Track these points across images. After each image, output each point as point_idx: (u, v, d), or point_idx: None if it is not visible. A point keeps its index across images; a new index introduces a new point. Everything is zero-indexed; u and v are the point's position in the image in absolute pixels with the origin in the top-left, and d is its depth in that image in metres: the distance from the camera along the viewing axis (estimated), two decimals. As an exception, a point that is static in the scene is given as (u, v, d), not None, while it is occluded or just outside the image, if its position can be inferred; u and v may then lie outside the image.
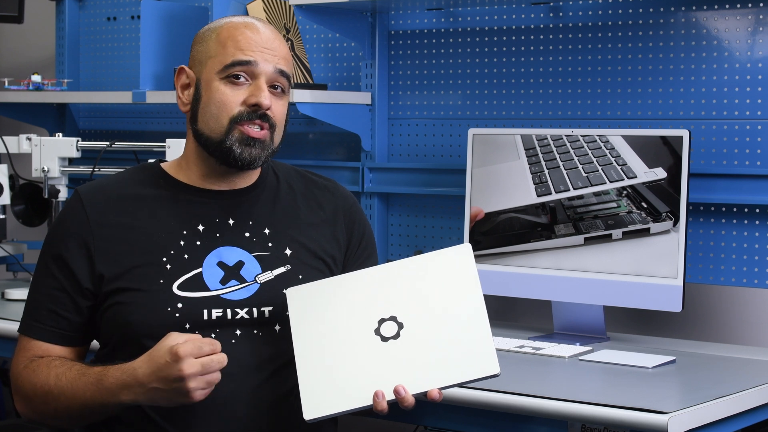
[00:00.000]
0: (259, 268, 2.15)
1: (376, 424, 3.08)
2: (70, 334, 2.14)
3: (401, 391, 1.95)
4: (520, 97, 3.24)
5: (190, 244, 2.13)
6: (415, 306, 2.01)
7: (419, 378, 1.96)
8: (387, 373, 1.97)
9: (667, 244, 2.72)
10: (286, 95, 2.17)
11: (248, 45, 2.12)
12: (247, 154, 2.12)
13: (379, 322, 2.01)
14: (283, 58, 2.15)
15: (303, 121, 3.63)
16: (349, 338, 2.00)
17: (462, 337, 1.98)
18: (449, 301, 2.01)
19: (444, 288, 2.02)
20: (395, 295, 2.03)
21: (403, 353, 1.98)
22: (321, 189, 2.29)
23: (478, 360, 1.96)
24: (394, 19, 3.46)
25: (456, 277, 2.03)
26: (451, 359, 1.97)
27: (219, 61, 2.12)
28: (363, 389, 1.96)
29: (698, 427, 2.16)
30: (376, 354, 1.98)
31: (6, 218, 3.62)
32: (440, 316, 2.00)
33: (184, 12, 3.68)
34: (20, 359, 2.14)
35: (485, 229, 2.96)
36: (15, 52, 4.49)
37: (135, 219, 2.14)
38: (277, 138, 2.16)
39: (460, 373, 1.96)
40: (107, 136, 4.17)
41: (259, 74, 2.12)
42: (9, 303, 3.27)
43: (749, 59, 2.88)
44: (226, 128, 2.11)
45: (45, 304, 2.13)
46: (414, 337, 1.99)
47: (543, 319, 3.05)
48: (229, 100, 2.11)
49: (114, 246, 2.11)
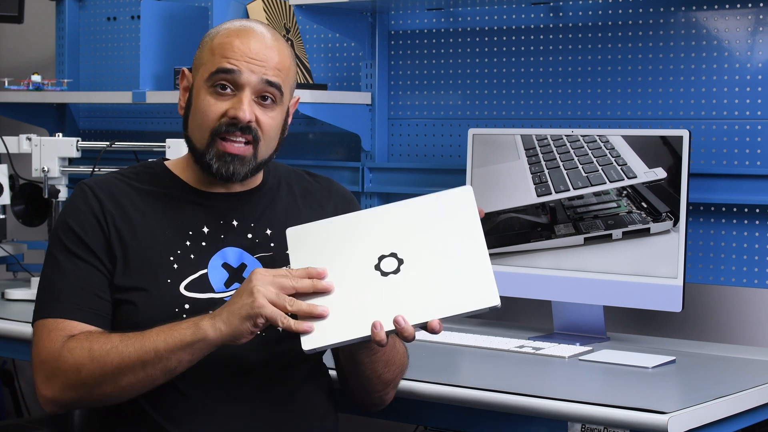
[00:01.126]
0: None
1: (376, 423, 3.07)
2: (98, 312, 2.07)
3: (401, 321, 1.93)
4: (520, 97, 3.24)
5: (196, 244, 2.13)
6: (416, 243, 2.01)
7: (419, 309, 1.95)
8: (386, 306, 1.96)
9: (667, 244, 2.72)
10: (279, 105, 2.12)
11: (234, 54, 2.08)
12: (224, 170, 2.10)
13: (379, 258, 2.00)
14: (274, 68, 2.10)
15: (303, 121, 3.63)
16: (349, 273, 2.00)
17: (462, 271, 1.97)
18: (450, 238, 2.01)
19: (445, 226, 2.02)
20: (396, 233, 2.02)
21: (403, 287, 1.97)
22: (320, 188, 2.29)
23: (479, 291, 1.95)
24: (394, 19, 3.46)
25: (457, 216, 2.03)
26: (451, 291, 1.96)
27: (207, 69, 2.10)
28: (362, 321, 1.95)
29: (698, 427, 2.16)
30: (375, 288, 1.98)
31: (6, 218, 3.62)
32: (440, 252, 2.00)
33: (184, 12, 3.69)
34: (53, 338, 2.03)
35: (485, 229, 2.94)
36: (15, 52, 4.49)
37: (141, 217, 2.13)
38: (263, 151, 2.12)
39: (461, 305, 1.95)
40: (107, 136, 4.17)
41: (243, 85, 2.08)
42: (9, 303, 3.27)
43: (749, 59, 2.88)
44: (208, 140, 2.10)
45: (76, 283, 2.06)
46: (414, 271, 1.98)
47: (543, 319, 3.05)
48: (211, 110, 2.09)
49: (123, 238, 2.10)
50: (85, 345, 2.00)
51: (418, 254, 2.00)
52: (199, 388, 2.06)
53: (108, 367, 1.98)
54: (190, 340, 1.95)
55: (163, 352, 1.96)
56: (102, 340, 2.00)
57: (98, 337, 2.01)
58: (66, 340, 2.02)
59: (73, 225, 2.10)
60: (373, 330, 1.93)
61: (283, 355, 2.11)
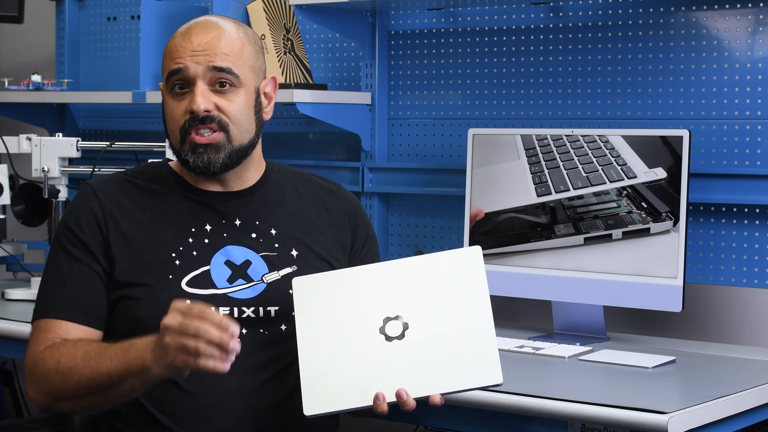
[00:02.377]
0: (266, 268, 2.15)
1: (376, 424, 3.07)
2: (90, 313, 2.10)
3: (403, 395, 1.95)
4: (520, 97, 3.24)
5: (199, 241, 2.13)
6: (422, 307, 2.00)
7: (422, 382, 1.95)
8: (389, 374, 1.96)
9: (667, 244, 2.72)
10: (239, 87, 2.12)
11: (178, 53, 2.12)
12: (200, 161, 2.11)
13: (384, 320, 2.00)
14: (220, 53, 2.10)
15: (303, 121, 3.63)
16: (354, 335, 2.00)
17: (467, 343, 1.97)
18: (456, 305, 2.00)
19: (452, 290, 2.01)
20: (402, 294, 2.01)
21: (406, 355, 1.97)
22: (326, 192, 2.30)
23: (482, 368, 1.95)
24: (394, 19, 3.46)
25: (465, 279, 2.01)
26: (454, 365, 1.96)
27: (164, 75, 2.15)
28: (364, 389, 1.96)
29: (698, 427, 2.16)
30: (379, 353, 1.98)
31: (6, 218, 3.62)
32: (446, 320, 1.99)
33: (184, 12, 3.68)
34: (39, 341, 2.08)
35: (485, 229, 2.96)
36: (15, 52, 4.49)
37: (144, 214, 2.15)
38: (236, 135, 2.12)
39: (463, 381, 1.96)
40: (107, 136, 4.17)
41: (192, 78, 2.10)
42: (9, 303, 3.27)
43: (749, 59, 2.88)
44: (180, 139, 2.12)
45: (66, 285, 2.10)
46: (419, 338, 1.98)
47: (543, 319, 3.05)
48: (174, 112, 2.13)
49: (124, 237, 2.12)
50: (54, 356, 2.03)
51: (423, 320, 1.99)
52: (199, 386, 2.06)
53: (69, 384, 2.01)
54: (138, 370, 1.94)
55: (116, 377, 1.96)
56: (69, 354, 2.02)
57: (67, 350, 2.03)
58: (50, 344, 2.05)
59: (72, 225, 2.13)
60: (376, 401, 1.95)
61: (283, 356, 2.11)
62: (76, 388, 2.00)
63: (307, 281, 2.06)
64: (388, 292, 2.02)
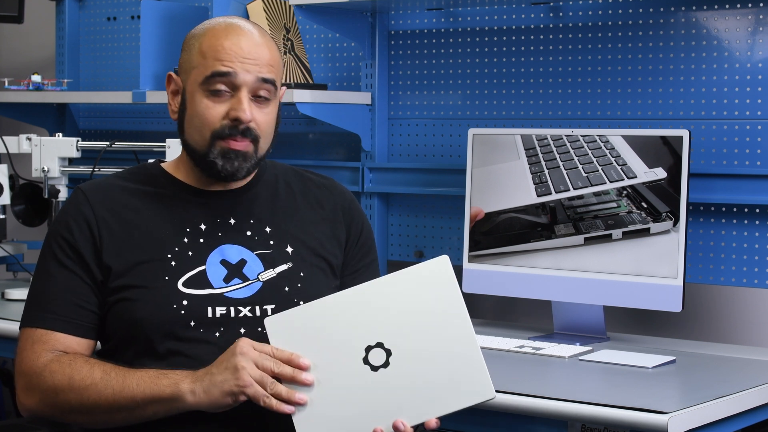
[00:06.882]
0: (262, 266, 2.15)
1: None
2: (81, 323, 2.10)
3: (400, 426, 1.93)
4: (520, 97, 3.24)
5: (194, 241, 2.13)
6: (400, 329, 1.95)
7: (416, 409, 1.93)
8: (382, 406, 1.93)
9: (667, 244, 2.72)
10: (273, 100, 2.13)
11: (227, 56, 2.08)
12: (229, 166, 2.11)
13: (366, 350, 1.95)
14: (266, 64, 2.10)
15: (303, 121, 3.63)
16: (339, 369, 1.95)
17: (453, 362, 1.93)
18: (434, 321, 1.95)
19: (427, 305, 1.96)
20: (378, 319, 1.96)
21: (395, 383, 1.94)
22: (319, 187, 2.29)
23: (473, 385, 1.93)
24: (394, 19, 3.46)
25: (437, 293, 1.96)
26: (445, 387, 1.93)
27: (200, 72, 2.10)
28: (361, 424, 1.93)
29: (698, 427, 2.16)
30: (368, 386, 1.94)
31: (6, 218, 3.62)
32: (427, 338, 1.94)
33: (184, 12, 3.68)
34: (37, 352, 2.08)
35: (485, 229, 2.97)
36: (15, 52, 4.49)
37: (138, 216, 2.14)
38: (262, 147, 2.13)
39: (456, 401, 1.93)
40: (107, 136, 4.17)
41: (239, 85, 2.08)
42: (9, 303, 3.28)
43: (749, 59, 2.88)
44: (209, 142, 2.10)
45: (62, 295, 2.09)
46: (404, 364, 1.94)
47: (543, 319, 3.05)
48: (210, 113, 2.09)
49: (118, 241, 2.11)
50: (66, 372, 2.03)
51: (405, 343, 1.94)
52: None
53: (85, 401, 2.01)
54: (167, 398, 1.97)
55: (140, 401, 1.98)
56: (84, 371, 2.02)
57: (81, 367, 2.03)
58: (49, 359, 2.05)
59: (63, 231, 2.12)
60: None
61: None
62: (95, 406, 2.01)
63: (280, 320, 2.00)
64: (363, 319, 1.97)
